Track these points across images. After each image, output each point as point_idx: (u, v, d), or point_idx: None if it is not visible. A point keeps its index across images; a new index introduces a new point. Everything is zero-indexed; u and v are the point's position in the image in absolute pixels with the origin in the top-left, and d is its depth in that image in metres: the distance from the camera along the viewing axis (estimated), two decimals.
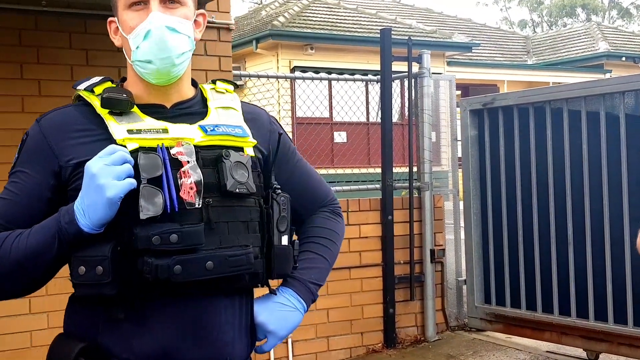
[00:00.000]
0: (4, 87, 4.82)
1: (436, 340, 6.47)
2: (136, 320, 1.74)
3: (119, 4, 1.81)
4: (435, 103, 6.82)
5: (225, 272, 1.73)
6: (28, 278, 1.74)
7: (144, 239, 1.65)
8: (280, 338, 1.94)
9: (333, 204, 2.16)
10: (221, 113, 1.88)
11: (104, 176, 1.61)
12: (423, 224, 6.55)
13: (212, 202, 1.75)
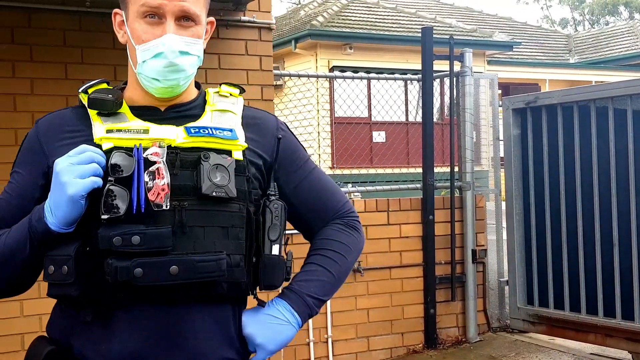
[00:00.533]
0: (48, 87, 4.88)
1: (477, 341, 6.41)
2: (104, 323, 1.69)
3: (130, 6, 1.75)
4: (476, 102, 6.76)
5: (191, 278, 1.65)
6: (10, 276, 1.74)
7: (105, 239, 1.61)
8: (270, 352, 1.81)
9: (349, 216, 2.00)
10: (215, 116, 1.82)
11: (67, 174, 1.59)
12: (464, 224, 6.50)
13: (188, 205, 1.69)
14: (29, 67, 4.83)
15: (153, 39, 1.71)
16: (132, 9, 1.74)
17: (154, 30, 1.71)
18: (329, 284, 1.89)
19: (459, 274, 6.46)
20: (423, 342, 6.26)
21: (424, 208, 6.30)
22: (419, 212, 6.31)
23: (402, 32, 16.98)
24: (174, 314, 1.70)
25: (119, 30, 1.84)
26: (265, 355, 1.80)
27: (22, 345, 4.80)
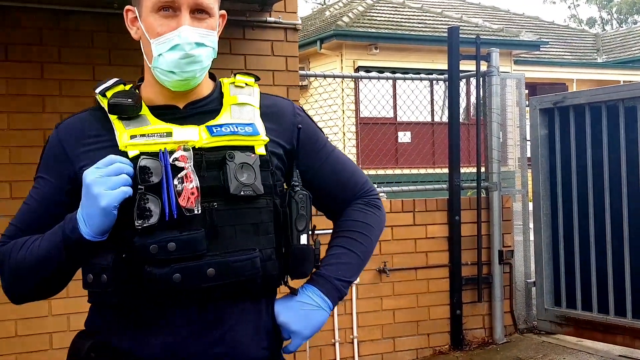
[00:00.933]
0: (77, 88, 4.92)
1: (504, 342, 6.37)
2: (146, 324, 1.72)
3: (144, 1, 1.76)
4: (503, 102, 6.72)
5: (228, 279, 1.69)
6: (44, 282, 1.77)
7: (142, 249, 1.63)
8: (305, 338, 1.84)
9: (369, 195, 2.03)
10: (235, 110, 1.82)
11: (98, 186, 1.60)
12: (491, 225, 6.46)
13: (217, 206, 1.71)
14: (57, 68, 4.87)
15: (168, 31, 1.71)
16: (146, 3, 1.74)
17: (169, 23, 1.71)
18: (356, 265, 1.92)
19: (486, 274, 6.43)
20: (449, 343, 6.24)
21: (450, 208, 6.28)
22: (445, 213, 6.29)
23: (427, 32, 16.92)
24: (211, 310, 1.72)
25: (131, 27, 1.85)
26: (301, 341, 1.83)
27: (50, 344, 4.84)
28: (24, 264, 1.73)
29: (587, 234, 5.85)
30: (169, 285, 1.63)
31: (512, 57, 18.42)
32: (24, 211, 1.83)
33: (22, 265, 1.74)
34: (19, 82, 4.77)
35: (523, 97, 6.94)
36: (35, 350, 4.81)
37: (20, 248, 1.75)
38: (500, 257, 6.42)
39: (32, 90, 4.80)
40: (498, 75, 6.53)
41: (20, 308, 4.68)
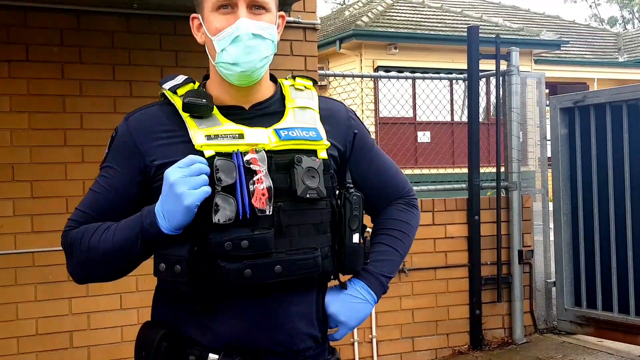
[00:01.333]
0: (97, 88, 4.95)
1: (524, 342, 6.35)
2: (213, 312, 1.83)
3: (205, 4, 1.87)
4: (523, 101, 6.69)
5: (293, 275, 1.81)
6: (114, 268, 1.87)
7: (217, 244, 1.74)
8: (351, 328, 1.99)
9: (409, 196, 2.18)
10: (297, 114, 1.93)
11: (181, 186, 1.70)
12: (511, 224, 6.44)
13: (284, 207, 1.81)
14: (77, 68, 4.90)
15: (227, 26, 1.82)
16: (206, 5, 1.86)
17: (228, 19, 1.82)
18: (397, 262, 2.08)
19: (505, 274, 6.41)
20: (468, 343, 6.22)
21: (469, 208, 6.26)
22: (464, 213, 6.27)
23: (447, 32, 16.87)
24: (272, 301, 1.84)
25: (196, 33, 1.96)
26: (346, 330, 1.99)
27: (70, 342, 4.88)
28: (97, 251, 1.82)
29: (608, 234, 5.81)
30: (240, 279, 1.75)
31: (533, 57, 18.32)
32: (92, 198, 1.91)
33: (94, 251, 1.83)
34: (39, 82, 4.80)
35: (543, 97, 6.91)
36: (55, 348, 4.84)
37: (92, 234, 1.84)
38: (520, 256, 6.39)
39: (53, 90, 4.84)
40: (518, 75, 6.50)
41: (40, 307, 4.73)
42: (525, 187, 6.63)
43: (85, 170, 4.89)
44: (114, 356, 4.97)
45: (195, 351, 1.83)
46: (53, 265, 4.82)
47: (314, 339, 1.94)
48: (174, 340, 1.85)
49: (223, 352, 1.82)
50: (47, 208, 4.81)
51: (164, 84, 1.94)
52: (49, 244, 4.80)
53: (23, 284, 4.76)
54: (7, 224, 4.72)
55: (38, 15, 4.80)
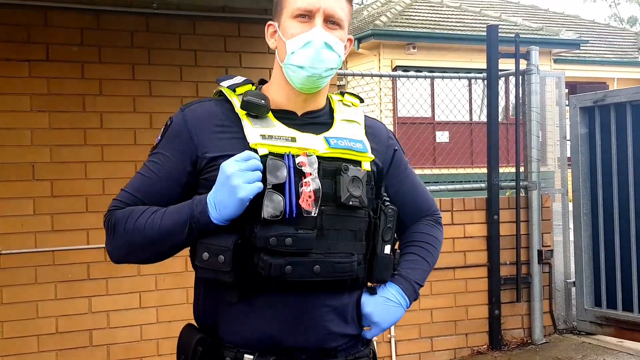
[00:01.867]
0: (116, 88, 4.97)
1: (543, 343, 6.31)
2: (248, 306, 1.90)
3: (284, 11, 1.98)
4: (542, 101, 6.65)
5: (330, 277, 1.89)
6: (156, 251, 1.94)
7: (263, 239, 1.82)
8: (383, 329, 2.06)
9: (436, 214, 2.30)
10: (345, 126, 2.04)
11: (237, 178, 1.78)
12: (530, 224, 6.40)
13: (327, 211, 1.90)
14: (97, 68, 4.93)
15: (302, 32, 1.94)
16: (286, 12, 1.98)
17: (304, 27, 1.94)
18: (427, 272, 2.17)
19: (525, 274, 6.38)
20: (487, 343, 6.20)
21: (488, 208, 6.23)
22: (483, 212, 6.24)
23: (466, 31, 16.81)
24: (306, 301, 1.91)
25: (270, 39, 2.07)
26: (379, 331, 2.05)
27: (90, 341, 4.90)
28: (143, 233, 1.89)
29: (628, 234, 5.77)
30: (280, 274, 1.83)
31: (552, 56, 18.22)
32: (141, 181, 1.98)
33: (139, 233, 1.90)
34: (59, 82, 4.83)
35: (563, 96, 6.87)
36: (75, 347, 4.87)
37: (139, 216, 1.91)
38: (539, 256, 6.36)
39: (73, 90, 4.87)
40: (537, 74, 6.47)
41: (60, 305, 4.76)
42: (544, 187, 6.60)
43: (104, 169, 4.92)
44: (133, 354, 5.00)
45: (230, 352, 1.91)
46: (73, 264, 4.85)
47: (347, 336, 2.00)
48: (210, 343, 1.92)
49: (258, 353, 1.89)
50: (67, 207, 4.84)
51: (222, 82, 2.02)
52: (69, 243, 4.83)
53: (43, 282, 4.79)
54: (28, 222, 4.76)
55: (58, 15, 4.83)
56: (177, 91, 5.11)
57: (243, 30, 5.25)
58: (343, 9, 1.99)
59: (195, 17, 5.14)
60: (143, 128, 5.03)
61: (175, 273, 4.98)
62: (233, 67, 5.18)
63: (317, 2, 1.94)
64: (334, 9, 1.96)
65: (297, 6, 1.95)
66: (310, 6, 1.94)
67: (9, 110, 4.73)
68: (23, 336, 4.75)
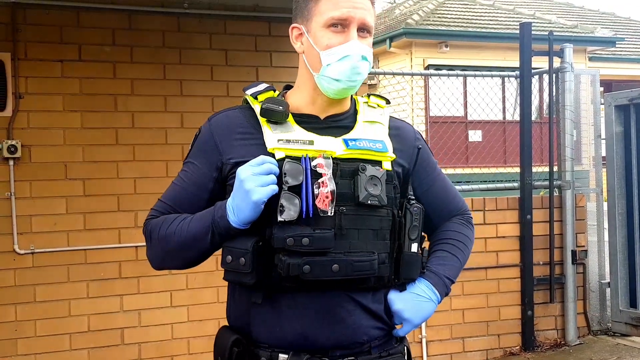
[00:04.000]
0: (148, 87, 5.00)
1: (577, 344, 6.24)
2: (272, 306, 1.95)
3: (315, 18, 1.98)
4: (576, 99, 6.56)
5: (349, 275, 1.91)
6: (187, 256, 2.02)
7: (280, 240, 1.86)
8: (415, 325, 2.06)
9: (467, 214, 2.31)
10: (367, 127, 2.06)
11: (250, 182, 1.83)
12: (564, 224, 6.33)
13: (346, 211, 1.93)
14: (129, 68, 4.96)
15: (338, 44, 1.95)
16: (317, 20, 1.98)
17: (338, 37, 1.95)
18: (458, 268, 2.17)
19: (558, 275, 6.30)
20: (520, 345, 6.14)
21: (521, 207, 6.17)
22: (516, 212, 6.18)
23: (499, 29, 16.67)
24: (330, 299, 1.94)
25: (295, 42, 2.08)
26: (411, 327, 2.06)
27: (121, 339, 4.93)
28: (173, 239, 1.98)
29: None
30: (299, 274, 1.86)
31: (587, 54, 18.02)
32: (174, 191, 2.08)
33: (170, 240, 1.99)
34: (92, 82, 4.87)
35: (597, 94, 6.78)
36: (107, 345, 4.91)
37: (170, 224, 2.00)
38: (573, 257, 6.28)
39: (105, 90, 4.90)
40: (572, 72, 6.38)
41: (92, 304, 4.80)
42: (578, 187, 6.52)
43: (136, 168, 4.95)
44: (164, 353, 5.02)
45: (265, 352, 1.95)
46: (105, 262, 4.89)
47: (378, 330, 2.02)
48: (245, 344, 1.97)
49: (292, 352, 1.93)
50: (99, 206, 4.88)
51: (247, 90, 2.05)
52: (101, 242, 4.87)
53: (76, 281, 4.84)
54: (60, 221, 4.80)
55: (91, 15, 4.87)
56: (208, 91, 5.13)
57: (274, 29, 5.26)
58: (372, 15, 2.01)
59: (226, 16, 5.15)
60: (174, 127, 5.05)
61: (205, 272, 4.99)
62: (263, 67, 5.19)
63: (352, 12, 1.95)
64: (366, 18, 1.97)
65: (330, 15, 1.95)
66: (346, 15, 1.95)
67: (42, 110, 4.78)
68: (56, 334, 4.80)
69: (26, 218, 4.74)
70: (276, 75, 5.08)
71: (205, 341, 5.05)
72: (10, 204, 4.70)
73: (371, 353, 2.01)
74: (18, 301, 4.73)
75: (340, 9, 1.94)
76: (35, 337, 4.76)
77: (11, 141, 4.67)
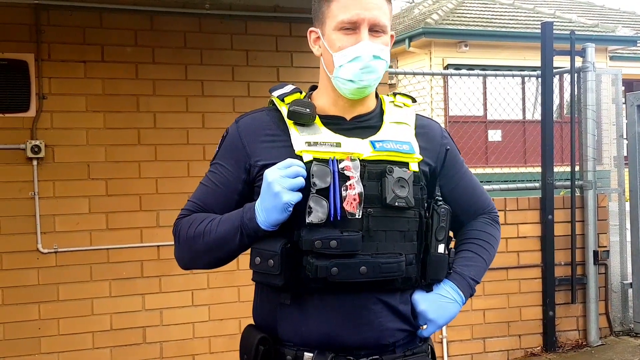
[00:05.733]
0: (169, 88, 5.02)
1: (599, 345, 6.20)
2: (300, 307, 1.96)
3: (327, 21, 2.00)
4: (598, 99, 6.52)
5: (377, 277, 1.92)
6: (214, 256, 2.04)
7: (308, 242, 1.88)
8: (439, 326, 2.07)
9: (493, 212, 2.31)
10: (393, 128, 2.06)
11: (279, 185, 1.84)
12: (585, 224, 6.29)
13: (373, 212, 1.93)
14: (151, 68, 4.99)
15: (349, 45, 1.97)
16: (330, 23, 2.00)
17: (350, 39, 1.97)
18: (483, 268, 2.19)
19: (580, 275, 6.27)
20: (541, 345, 6.11)
21: (542, 207, 6.14)
22: (537, 212, 6.15)
23: (519, 29, 16.59)
24: (357, 301, 1.95)
25: (313, 45, 2.10)
26: (435, 328, 2.06)
27: (143, 338, 4.96)
28: (201, 239, 2.00)
29: None
30: (327, 276, 1.87)
31: (608, 53, 17.89)
32: (202, 191, 2.10)
33: (198, 240, 2.00)
34: (114, 82, 4.90)
35: (619, 94, 6.74)
36: (128, 344, 4.93)
37: (198, 224, 2.01)
38: (595, 257, 6.25)
39: (127, 90, 4.93)
40: (593, 71, 6.35)
41: (115, 302, 4.83)
42: (600, 187, 6.48)
43: (158, 168, 4.98)
44: (185, 352, 5.04)
45: (290, 351, 1.97)
46: (127, 262, 4.92)
47: (403, 331, 2.02)
48: (270, 342, 1.98)
49: (317, 351, 1.94)
50: (121, 205, 4.91)
51: (273, 92, 2.06)
52: (123, 241, 4.90)
53: (98, 280, 4.87)
54: (83, 221, 4.83)
55: (113, 16, 4.90)
56: (229, 91, 5.14)
57: (294, 29, 5.27)
58: (385, 13, 2.00)
59: (247, 17, 5.17)
60: (195, 128, 5.07)
61: (226, 271, 5.01)
62: (284, 67, 5.20)
63: (361, 14, 1.95)
64: (378, 18, 1.97)
65: (341, 19, 1.96)
66: (355, 18, 1.95)
67: (65, 111, 4.81)
68: (78, 333, 4.83)
69: (49, 217, 4.78)
70: (297, 76, 5.09)
71: (226, 340, 5.07)
72: (34, 204, 4.74)
73: (395, 352, 2.01)
74: (41, 300, 4.77)
75: (350, 11, 1.95)
76: (58, 335, 4.80)
77: (35, 141, 4.71)
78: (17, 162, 4.72)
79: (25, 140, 4.71)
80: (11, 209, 4.72)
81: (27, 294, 4.74)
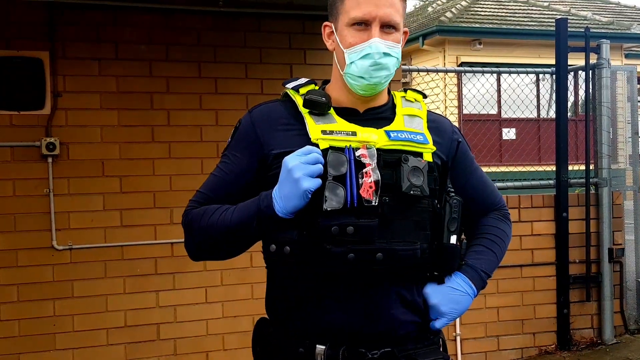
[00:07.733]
0: (183, 85, 5.04)
1: (614, 343, 6.18)
2: (316, 297, 1.96)
3: (340, 17, 2.02)
4: (613, 96, 6.49)
5: (393, 264, 1.92)
6: (228, 247, 2.03)
7: (325, 228, 1.87)
8: (451, 319, 2.07)
9: (504, 209, 2.32)
10: (406, 119, 2.07)
11: (299, 171, 1.83)
12: (600, 222, 6.26)
13: (388, 201, 1.94)
14: (165, 66, 5.00)
15: (360, 42, 1.98)
16: (343, 19, 2.01)
17: (361, 36, 1.98)
18: (495, 263, 2.18)
19: (594, 273, 6.24)
20: (556, 343, 6.09)
21: (557, 205, 6.12)
22: (551, 210, 6.13)
23: (534, 26, 16.51)
24: (372, 290, 1.95)
25: (327, 40, 2.12)
26: (447, 321, 2.07)
27: (157, 335, 4.98)
28: (215, 229, 1.98)
29: None
30: (343, 262, 1.88)
31: (623, 51, 17.78)
32: (213, 181, 2.09)
33: (213, 230, 1.98)
34: (128, 80, 4.92)
35: (635, 91, 6.70)
36: (142, 340, 4.95)
37: (211, 214, 1.99)
38: (610, 255, 6.22)
39: (141, 88, 4.95)
40: (608, 68, 6.32)
41: (129, 299, 4.85)
42: (615, 184, 6.44)
43: (171, 165, 4.99)
44: (199, 349, 5.06)
45: (303, 343, 1.97)
46: (141, 258, 4.94)
47: (415, 324, 2.03)
48: (283, 335, 2.00)
49: (329, 343, 1.94)
50: (136, 202, 4.93)
51: (287, 84, 2.08)
52: (137, 238, 4.92)
53: (112, 276, 4.89)
54: (97, 218, 4.86)
55: (127, 14, 4.92)
56: (242, 88, 5.15)
57: (307, 27, 5.27)
58: (398, 11, 2.01)
59: (260, 14, 5.17)
60: (209, 125, 5.09)
61: (240, 269, 5.02)
62: (298, 64, 5.21)
63: (373, 11, 1.96)
64: (390, 15, 1.98)
65: (353, 15, 1.98)
66: (367, 16, 1.97)
67: (80, 108, 4.83)
68: (93, 329, 4.85)
69: (64, 214, 4.81)
70: (310, 73, 5.08)
71: (239, 337, 5.08)
72: (48, 201, 4.77)
73: (407, 344, 2.01)
74: (56, 296, 4.80)
75: (362, 8, 1.96)
76: (73, 332, 4.82)
77: (50, 139, 4.74)
78: (32, 160, 4.75)
79: (40, 138, 4.74)
80: (26, 206, 4.75)
81: (42, 290, 4.77)
